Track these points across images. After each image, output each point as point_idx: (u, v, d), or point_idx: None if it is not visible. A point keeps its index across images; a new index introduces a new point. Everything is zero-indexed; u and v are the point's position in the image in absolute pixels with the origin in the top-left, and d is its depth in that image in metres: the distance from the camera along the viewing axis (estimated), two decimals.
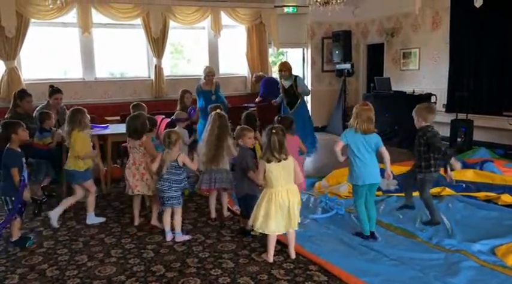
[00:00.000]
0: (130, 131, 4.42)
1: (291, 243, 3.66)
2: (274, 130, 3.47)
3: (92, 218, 4.67)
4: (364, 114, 3.94)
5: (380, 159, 4.05)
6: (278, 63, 7.75)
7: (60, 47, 8.66)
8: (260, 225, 3.54)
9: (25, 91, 6.14)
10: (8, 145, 3.99)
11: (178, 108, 6.48)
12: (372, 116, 3.96)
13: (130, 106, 5.67)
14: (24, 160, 4.04)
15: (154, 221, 4.48)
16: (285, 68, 7.17)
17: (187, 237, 4.13)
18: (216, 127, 4.41)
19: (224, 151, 4.42)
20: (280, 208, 3.48)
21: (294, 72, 7.25)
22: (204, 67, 7.41)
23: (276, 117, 4.92)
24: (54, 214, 4.57)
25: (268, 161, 3.47)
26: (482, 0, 7.18)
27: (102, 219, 4.72)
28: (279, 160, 3.47)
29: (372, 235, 4.01)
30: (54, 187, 5.67)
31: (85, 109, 4.72)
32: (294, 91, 7.12)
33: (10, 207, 3.92)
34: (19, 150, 4.02)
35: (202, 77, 7.23)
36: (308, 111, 7.53)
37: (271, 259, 3.60)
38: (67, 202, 4.65)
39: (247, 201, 4.04)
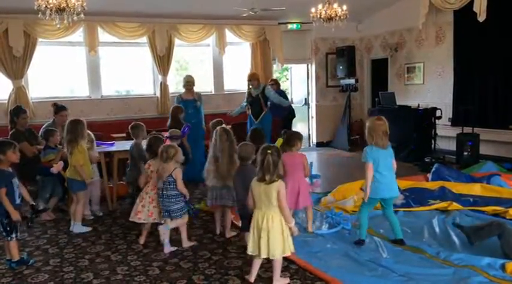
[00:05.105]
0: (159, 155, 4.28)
1: (274, 273, 3.44)
2: (269, 151, 3.35)
3: (78, 228, 4.81)
4: (379, 129, 4.00)
5: None
6: (249, 73, 8.09)
7: (67, 66, 8.77)
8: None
9: (20, 107, 6.19)
10: None
11: (168, 124, 6.51)
12: (387, 130, 4.03)
13: (129, 127, 5.51)
14: (16, 180, 3.93)
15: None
16: (254, 78, 7.61)
17: (173, 248, 4.20)
18: (223, 142, 4.39)
19: (230, 167, 4.38)
20: (256, 231, 3.38)
21: (300, 87, 7.39)
22: (184, 76, 7.56)
23: (282, 131, 4.92)
24: (78, 228, 4.81)
25: (260, 181, 3.37)
26: (486, 15, 7.22)
27: (88, 228, 4.86)
28: (269, 182, 3.33)
29: (401, 242, 4.14)
30: (61, 204, 5.69)
31: (83, 120, 4.93)
32: (260, 102, 7.46)
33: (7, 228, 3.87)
34: (9, 169, 3.92)
35: (182, 86, 7.43)
36: (271, 122, 7.75)
37: (251, 278, 3.50)
38: (77, 211, 4.86)
39: None
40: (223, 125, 4.72)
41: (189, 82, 7.31)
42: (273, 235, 3.31)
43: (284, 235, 3.36)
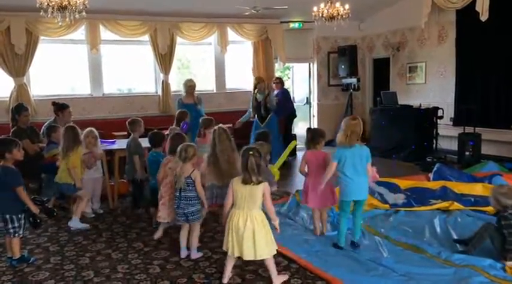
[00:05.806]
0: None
1: (270, 273, 3.45)
2: (251, 152, 3.36)
3: (75, 223, 4.85)
4: (349, 128, 3.94)
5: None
6: (256, 77, 8.35)
7: (69, 64, 8.76)
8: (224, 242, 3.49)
9: (22, 105, 6.22)
10: (2, 163, 3.86)
11: (174, 124, 6.51)
12: (359, 131, 3.95)
13: (127, 123, 5.53)
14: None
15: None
16: (261, 80, 7.80)
17: (200, 254, 4.07)
18: (223, 141, 4.38)
19: (231, 166, 4.37)
20: (234, 231, 3.36)
21: (302, 86, 7.49)
22: (185, 80, 7.54)
23: (307, 128, 4.93)
24: (75, 223, 4.85)
25: (245, 182, 3.35)
26: (488, 14, 7.20)
27: (85, 225, 4.88)
28: (257, 183, 3.34)
29: (354, 244, 4.09)
30: (63, 202, 5.69)
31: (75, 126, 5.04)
32: (265, 106, 7.71)
33: (16, 224, 3.86)
34: (13, 167, 3.95)
35: (183, 91, 7.39)
36: (277, 124, 8.00)
37: (224, 279, 3.51)
38: (79, 209, 4.92)
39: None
40: (220, 124, 4.70)
41: (191, 86, 7.32)
42: (259, 236, 3.33)
43: (268, 235, 3.39)
